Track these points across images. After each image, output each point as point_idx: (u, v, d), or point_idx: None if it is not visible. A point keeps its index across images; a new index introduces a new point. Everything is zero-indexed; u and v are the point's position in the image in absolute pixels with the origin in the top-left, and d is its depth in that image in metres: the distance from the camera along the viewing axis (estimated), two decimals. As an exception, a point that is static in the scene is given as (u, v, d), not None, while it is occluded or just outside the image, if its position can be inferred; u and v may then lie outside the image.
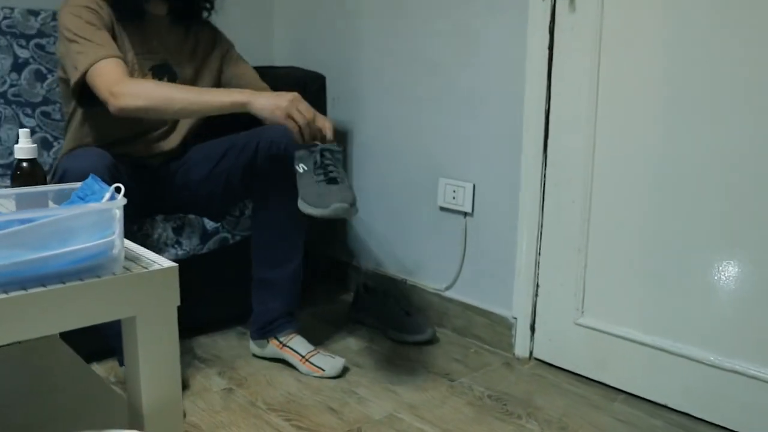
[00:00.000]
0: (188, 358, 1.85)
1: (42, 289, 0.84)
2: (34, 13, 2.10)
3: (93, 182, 0.96)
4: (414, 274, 2.21)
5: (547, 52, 1.75)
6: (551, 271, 1.83)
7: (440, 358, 1.91)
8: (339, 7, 2.34)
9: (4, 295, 0.81)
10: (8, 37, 2.05)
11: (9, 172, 1.83)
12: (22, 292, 0.83)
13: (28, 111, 2.07)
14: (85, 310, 0.87)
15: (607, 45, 1.65)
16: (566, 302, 1.81)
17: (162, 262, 0.96)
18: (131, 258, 0.97)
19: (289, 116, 1.55)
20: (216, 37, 1.95)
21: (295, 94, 1.58)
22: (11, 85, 2.04)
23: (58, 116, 2.09)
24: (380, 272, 2.31)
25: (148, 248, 1.77)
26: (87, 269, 0.88)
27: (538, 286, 1.87)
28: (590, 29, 1.66)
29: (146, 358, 0.94)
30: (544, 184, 1.81)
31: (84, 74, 1.63)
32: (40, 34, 2.08)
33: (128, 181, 1.72)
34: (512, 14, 1.82)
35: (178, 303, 0.96)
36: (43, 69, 2.08)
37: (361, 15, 2.26)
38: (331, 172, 1.51)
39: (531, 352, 1.91)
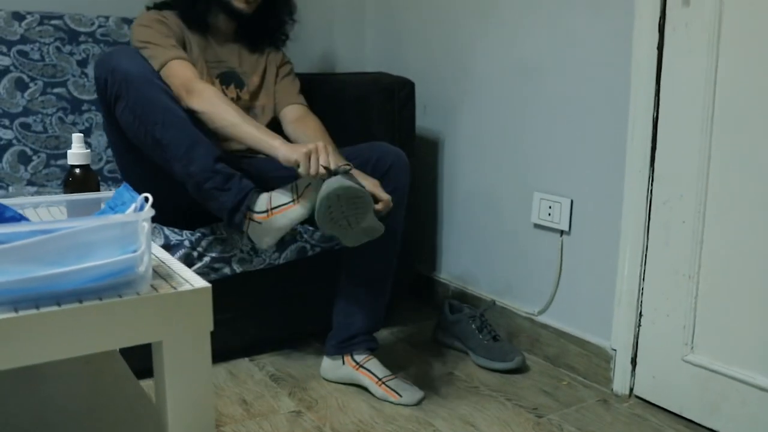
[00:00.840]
0: (260, 375, 1.78)
1: (56, 308, 0.77)
2: (127, 21, 2.12)
3: (124, 191, 0.89)
4: (504, 295, 2.05)
5: (655, 52, 1.56)
6: (656, 299, 1.63)
7: (528, 390, 1.74)
8: (430, 13, 2.23)
9: (13, 314, 0.75)
10: (102, 45, 2.08)
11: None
12: (34, 311, 0.75)
13: (119, 118, 2.08)
14: (103, 333, 0.79)
15: (726, 44, 1.44)
16: (673, 335, 1.60)
17: (195, 281, 0.87)
18: (163, 275, 0.88)
19: (307, 156, 1.47)
20: (279, 52, 1.99)
21: (319, 144, 1.49)
22: (103, 93, 2.06)
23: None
24: (467, 291, 2.16)
25: (220, 254, 1.72)
26: (108, 288, 0.80)
27: (641, 315, 1.66)
28: (707, 26, 1.46)
29: (174, 388, 0.85)
30: (651, 201, 1.62)
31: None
32: (132, 41, 2.10)
33: None
34: (616, 11, 1.64)
35: (212, 328, 0.87)
36: (133, 76, 2.09)
37: (453, 20, 2.14)
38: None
39: (631, 389, 1.70)
